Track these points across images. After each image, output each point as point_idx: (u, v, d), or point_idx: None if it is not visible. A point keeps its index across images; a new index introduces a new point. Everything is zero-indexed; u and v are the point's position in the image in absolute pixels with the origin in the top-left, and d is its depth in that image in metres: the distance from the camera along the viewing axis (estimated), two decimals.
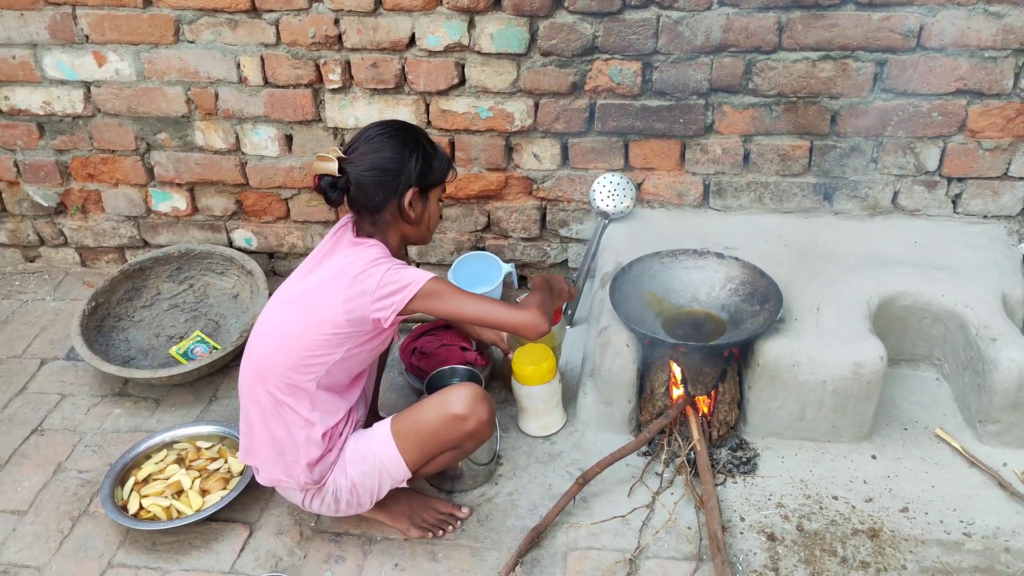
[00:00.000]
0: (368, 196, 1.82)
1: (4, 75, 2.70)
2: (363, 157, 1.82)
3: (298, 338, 1.82)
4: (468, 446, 1.94)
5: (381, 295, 1.77)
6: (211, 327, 2.74)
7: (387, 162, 1.82)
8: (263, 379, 1.86)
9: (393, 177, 1.82)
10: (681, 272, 2.35)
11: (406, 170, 1.83)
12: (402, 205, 1.85)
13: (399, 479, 1.92)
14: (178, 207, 2.88)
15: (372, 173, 1.81)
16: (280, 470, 1.89)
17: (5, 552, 2.05)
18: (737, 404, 2.23)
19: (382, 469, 1.90)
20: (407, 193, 1.84)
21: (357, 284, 1.78)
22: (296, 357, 1.82)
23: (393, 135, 1.85)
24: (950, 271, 2.34)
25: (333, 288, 1.80)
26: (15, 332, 2.80)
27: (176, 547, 2.04)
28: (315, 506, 1.94)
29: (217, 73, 2.59)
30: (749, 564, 1.93)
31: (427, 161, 1.86)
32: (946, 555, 1.92)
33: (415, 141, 1.86)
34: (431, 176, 1.88)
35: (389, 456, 1.89)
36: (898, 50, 2.31)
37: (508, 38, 2.40)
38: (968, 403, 2.23)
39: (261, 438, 1.90)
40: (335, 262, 1.85)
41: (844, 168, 2.51)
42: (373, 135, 1.84)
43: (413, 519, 2.03)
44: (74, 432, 2.40)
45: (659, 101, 2.46)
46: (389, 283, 1.77)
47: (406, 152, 1.83)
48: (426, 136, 1.91)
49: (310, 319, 1.82)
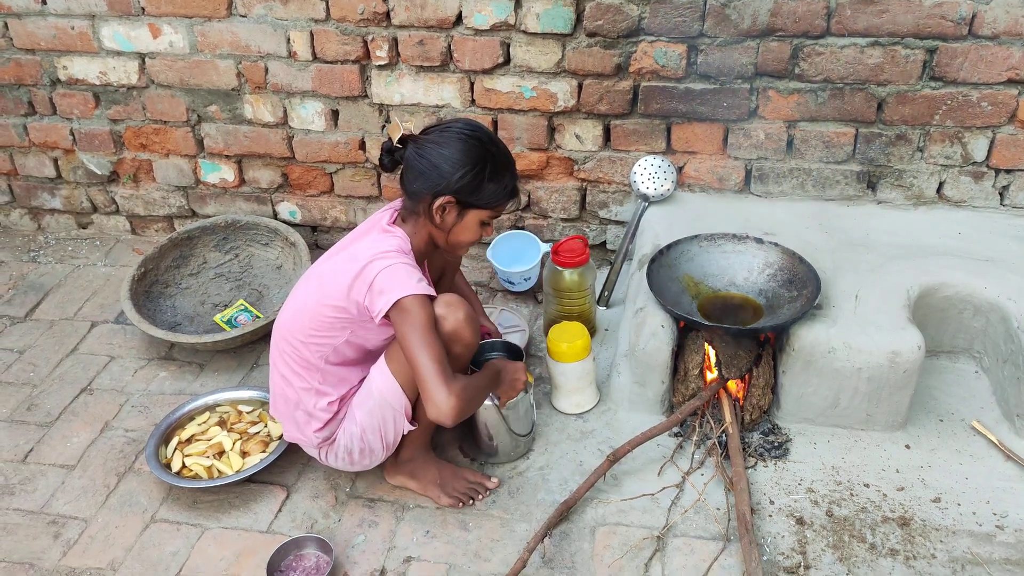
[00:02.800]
0: (409, 179, 1.86)
1: (63, 45, 2.78)
2: (427, 142, 1.84)
3: (307, 314, 1.89)
4: (456, 350, 1.87)
5: (372, 295, 1.80)
6: (254, 296, 2.81)
7: (439, 159, 1.82)
8: (280, 345, 1.96)
9: (438, 175, 1.82)
10: (719, 256, 2.35)
11: (452, 176, 1.81)
12: (433, 205, 1.85)
13: (400, 408, 1.93)
14: (226, 179, 2.94)
15: (421, 161, 1.83)
16: (294, 428, 2.00)
17: (54, 503, 2.14)
18: (771, 389, 2.23)
19: (383, 401, 1.93)
20: (441, 198, 1.83)
21: (362, 274, 1.81)
22: (305, 332, 1.90)
23: (466, 140, 1.83)
24: (994, 263, 2.31)
25: (345, 272, 1.84)
26: (67, 295, 2.90)
27: (216, 505, 2.11)
28: (331, 461, 2.02)
29: (267, 47, 2.64)
30: (777, 547, 1.94)
31: (480, 181, 1.83)
32: (977, 546, 1.91)
33: (481, 158, 1.83)
34: (477, 196, 1.85)
35: (386, 383, 1.91)
36: (949, 37, 2.28)
37: (554, 18, 2.42)
38: (1007, 397, 2.20)
39: (279, 398, 2.01)
40: (359, 246, 1.89)
41: (889, 156, 2.48)
42: (452, 129, 1.85)
43: (444, 487, 2.07)
44: (121, 392, 2.48)
45: (703, 84, 2.46)
46: (379, 286, 1.79)
47: (463, 161, 1.82)
48: (503, 160, 1.87)
49: (318, 297, 1.88)
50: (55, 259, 3.09)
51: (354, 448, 1.97)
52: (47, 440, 2.32)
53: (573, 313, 2.48)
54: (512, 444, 2.16)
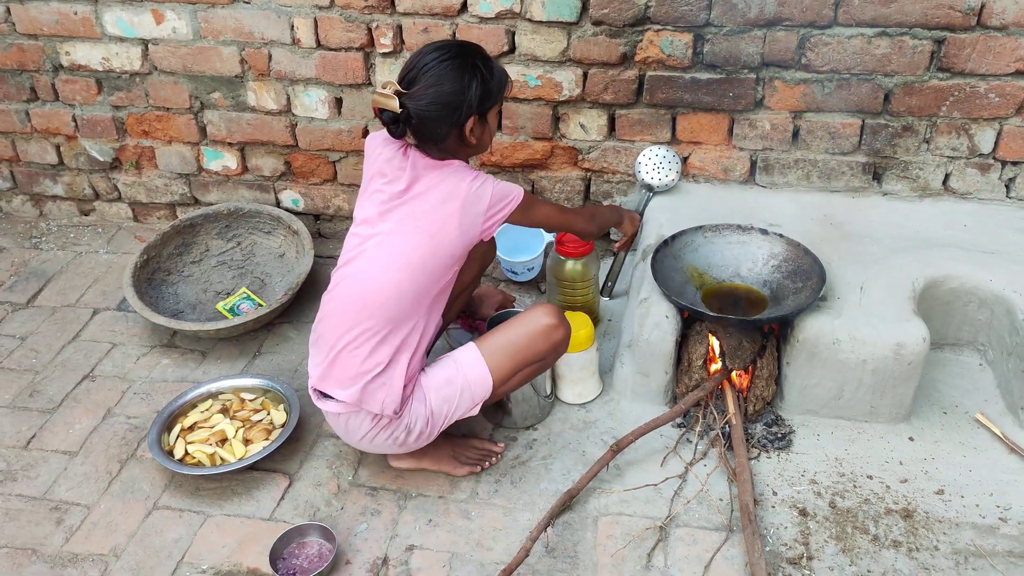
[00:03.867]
0: (430, 129, 1.85)
1: (66, 30, 2.76)
2: (423, 91, 1.81)
3: (421, 266, 1.87)
4: (550, 359, 2.04)
5: (491, 213, 1.88)
6: (257, 285, 2.80)
7: (447, 96, 1.82)
8: (371, 307, 1.86)
9: (454, 110, 1.83)
10: (724, 247, 2.34)
11: (466, 101, 1.83)
12: (463, 134, 1.88)
13: (479, 399, 1.96)
14: (229, 166, 2.93)
15: (433, 108, 1.82)
16: (362, 397, 1.88)
17: (57, 490, 2.13)
18: (775, 380, 2.22)
19: (464, 391, 1.94)
20: (468, 122, 1.87)
21: (470, 207, 1.86)
22: (421, 283, 1.88)
23: (450, 63, 1.83)
24: (1000, 256, 2.31)
25: (448, 213, 1.86)
26: (69, 282, 2.89)
27: (219, 493, 2.10)
28: (377, 440, 1.94)
29: (271, 34, 2.63)
30: (779, 537, 1.94)
31: (485, 85, 1.86)
32: (980, 538, 1.91)
33: (473, 67, 1.85)
34: (490, 100, 1.90)
35: (478, 375, 1.94)
36: (957, 28, 2.27)
37: (559, 6, 2.40)
38: (1011, 389, 2.20)
39: (346, 364, 1.88)
40: (435, 185, 1.88)
41: (895, 148, 2.47)
42: (430, 65, 1.83)
43: (458, 458, 2.09)
44: (123, 379, 2.47)
45: (709, 74, 2.44)
46: (498, 199, 1.88)
47: (464, 81, 1.83)
48: (482, 54, 1.90)
49: (431, 245, 1.87)
50: (57, 246, 3.08)
51: (415, 429, 1.94)
52: (49, 426, 2.32)
53: (576, 303, 2.47)
54: (537, 405, 2.22)
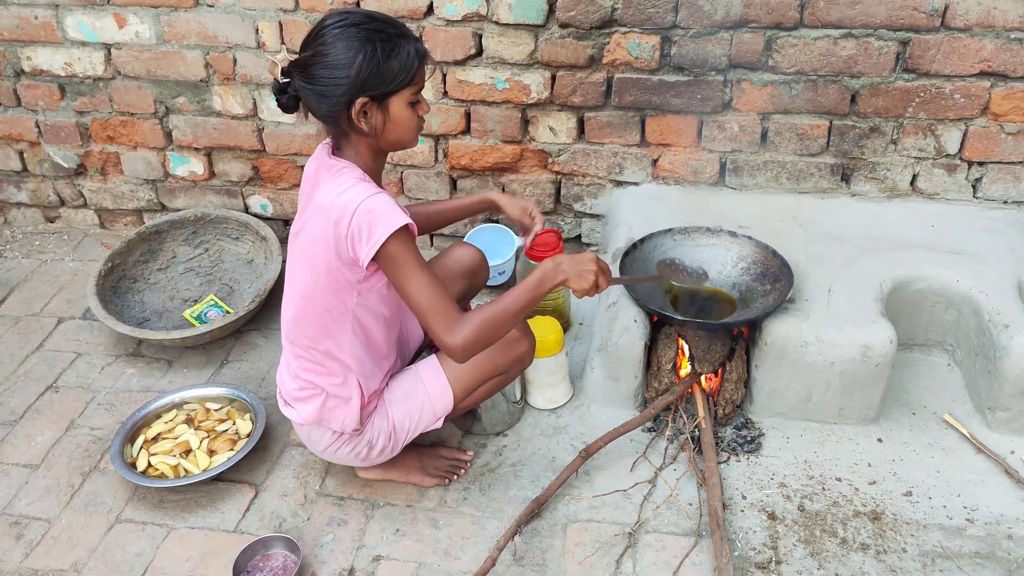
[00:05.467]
0: (312, 107, 1.66)
1: (26, 35, 2.72)
2: (309, 62, 1.62)
3: (313, 291, 1.77)
4: (513, 372, 1.99)
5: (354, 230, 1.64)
6: (225, 291, 2.77)
7: (329, 69, 1.60)
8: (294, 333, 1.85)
9: (335, 86, 1.61)
10: (693, 250, 2.34)
11: (347, 79, 1.60)
12: (351, 117, 1.65)
13: (440, 414, 1.93)
14: (195, 171, 2.89)
15: (315, 82, 1.62)
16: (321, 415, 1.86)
17: (17, 504, 2.10)
18: (744, 383, 2.22)
19: (425, 404, 1.91)
20: (355, 104, 1.63)
21: (338, 224, 1.65)
22: (317, 313, 1.79)
23: (341, 34, 1.60)
24: (966, 256, 2.31)
25: (322, 234, 1.69)
26: (34, 291, 2.84)
27: (183, 505, 2.07)
28: (340, 453, 1.92)
29: (236, 38, 2.60)
30: (748, 542, 1.93)
31: (377, 65, 1.60)
32: (947, 540, 1.91)
33: (368, 40, 1.60)
34: (386, 83, 1.63)
35: (439, 387, 1.90)
36: (922, 29, 2.27)
37: (526, 8, 2.39)
38: (978, 389, 2.21)
39: (302, 381, 1.87)
40: (317, 201, 1.71)
41: (863, 149, 2.47)
42: (324, 35, 1.62)
43: (425, 469, 2.06)
44: (88, 390, 2.43)
45: (677, 76, 2.44)
46: (358, 224, 1.64)
47: (351, 55, 1.59)
48: (392, 30, 1.64)
49: (311, 269, 1.75)
50: (22, 254, 3.03)
51: (377, 444, 1.92)
52: (10, 439, 2.28)
53: (548, 308, 2.46)
54: (507, 411, 2.20)
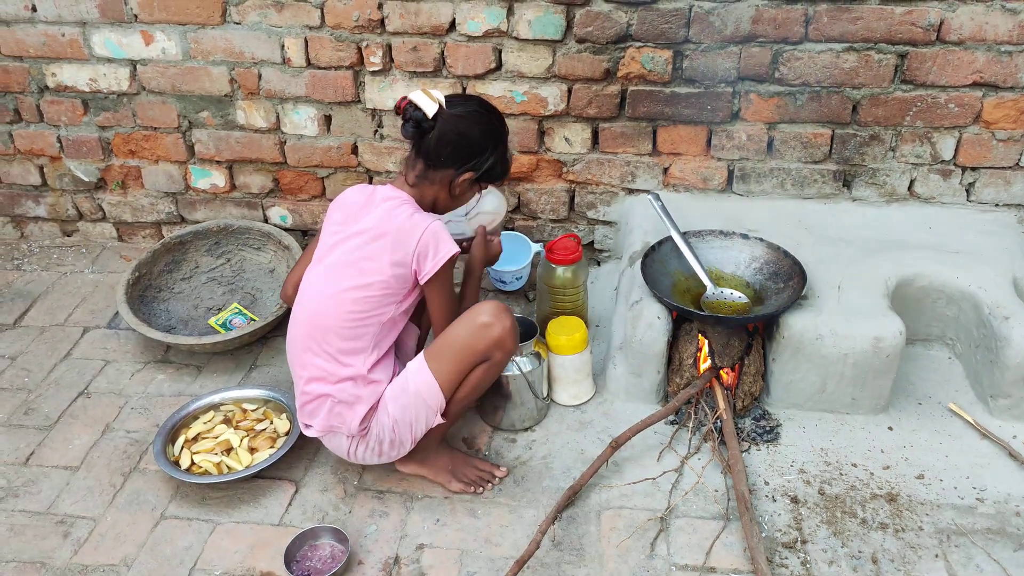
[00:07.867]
0: (440, 152, 1.96)
1: (52, 52, 2.79)
2: (459, 119, 1.95)
3: (355, 298, 1.93)
4: (496, 357, 2.01)
5: (421, 253, 1.92)
6: (247, 300, 2.83)
7: (473, 139, 1.97)
8: (316, 338, 1.96)
9: (468, 154, 1.98)
10: (707, 251, 2.45)
11: (482, 156, 1.99)
12: (455, 180, 2.00)
13: (435, 407, 1.99)
14: (217, 184, 2.97)
15: (458, 138, 1.95)
16: (329, 419, 2.00)
17: (60, 504, 2.14)
18: (761, 376, 2.33)
19: (418, 398, 1.99)
20: (466, 174, 1.99)
21: (400, 244, 1.92)
22: (350, 316, 1.93)
23: (491, 123, 2.01)
24: (963, 255, 2.45)
25: (379, 248, 1.93)
26: (56, 302, 2.89)
27: (226, 501, 2.13)
28: (359, 453, 2.03)
29: (261, 54, 2.69)
30: (774, 524, 2.03)
31: (498, 161, 2.02)
32: (960, 518, 2.03)
33: (502, 139, 2.03)
34: (490, 174, 2.04)
35: (424, 382, 1.98)
36: (919, 43, 2.42)
37: (545, 25, 2.51)
38: (980, 379, 2.34)
39: (310, 395, 2.00)
40: (379, 219, 1.95)
41: (863, 156, 2.62)
42: (478, 108, 2.00)
43: (455, 474, 2.13)
44: (119, 395, 2.48)
45: (688, 88, 2.57)
46: (425, 244, 1.92)
47: (492, 142, 2.00)
48: (507, 138, 2.07)
49: (357, 280, 1.94)
50: (40, 267, 3.07)
51: (385, 439, 2.01)
52: (48, 443, 2.32)
53: (566, 309, 2.55)
54: (535, 407, 2.29)
